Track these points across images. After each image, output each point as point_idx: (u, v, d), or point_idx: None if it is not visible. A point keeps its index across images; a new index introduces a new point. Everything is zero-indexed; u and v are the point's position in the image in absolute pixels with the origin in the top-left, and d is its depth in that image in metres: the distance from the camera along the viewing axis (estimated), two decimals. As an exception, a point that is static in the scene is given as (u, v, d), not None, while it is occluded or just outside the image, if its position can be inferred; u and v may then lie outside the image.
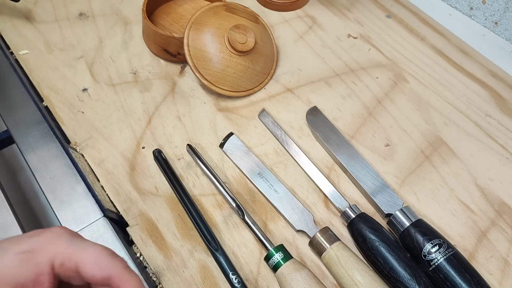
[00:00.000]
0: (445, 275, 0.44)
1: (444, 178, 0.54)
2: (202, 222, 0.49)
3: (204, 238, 0.48)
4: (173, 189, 0.52)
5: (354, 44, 0.67)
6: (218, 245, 0.47)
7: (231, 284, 0.45)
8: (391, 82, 0.63)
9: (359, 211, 0.49)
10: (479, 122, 0.59)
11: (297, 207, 0.51)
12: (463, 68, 0.64)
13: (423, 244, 0.45)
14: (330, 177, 0.54)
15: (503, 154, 0.56)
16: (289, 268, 0.45)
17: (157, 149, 0.54)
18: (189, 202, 0.50)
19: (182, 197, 0.51)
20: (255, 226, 0.49)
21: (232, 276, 0.46)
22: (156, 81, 0.63)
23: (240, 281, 0.45)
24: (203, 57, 0.58)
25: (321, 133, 0.56)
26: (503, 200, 0.53)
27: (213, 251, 0.47)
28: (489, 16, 0.69)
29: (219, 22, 0.59)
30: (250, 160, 0.54)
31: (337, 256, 0.45)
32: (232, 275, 0.46)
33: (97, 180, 0.54)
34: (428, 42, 0.68)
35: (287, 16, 0.71)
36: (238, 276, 0.46)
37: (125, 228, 0.51)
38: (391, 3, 0.73)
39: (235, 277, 0.46)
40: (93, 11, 0.70)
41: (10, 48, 0.66)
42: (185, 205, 0.50)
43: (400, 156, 0.56)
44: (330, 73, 0.64)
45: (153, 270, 0.48)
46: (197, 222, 0.49)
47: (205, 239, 0.48)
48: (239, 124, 0.59)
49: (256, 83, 0.61)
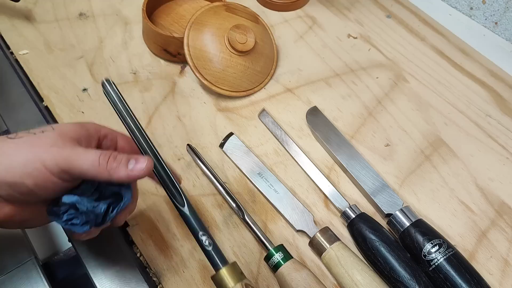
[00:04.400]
0: (445, 275, 0.44)
1: (444, 178, 0.54)
2: (164, 170, 0.40)
3: (167, 190, 0.40)
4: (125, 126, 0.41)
5: (354, 44, 0.67)
6: (185, 199, 0.40)
7: (201, 246, 0.39)
8: (391, 82, 0.63)
9: (359, 211, 0.49)
10: (479, 122, 0.59)
11: (297, 207, 0.51)
12: (463, 68, 0.64)
13: (423, 244, 0.45)
14: (330, 177, 0.54)
15: (503, 154, 0.56)
16: (289, 268, 0.45)
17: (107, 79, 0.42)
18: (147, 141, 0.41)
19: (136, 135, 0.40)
20: (255, 226, 0.49)
21: (202, 237, 0.39)
22: (156, 81, 0.63)
23: (211, 243, 0.39)
24: (203, 57, 0.58)
25: (321, 133, 0.56)
26: (503, 200, 0.53)
27: (178, 207, 0.40)
28: (489, 16, 0.69)
29: (219, 22, 0.59)
30: (250, 160, 0.54)
31: (337, 256, 0.45)
32: (201, 235, 0.39)
33: (97, 180, 0.54)
34: (428, 42, 0.68)
35: (287, 16, 0.71)
36: (209, 237, 0.39)
37: (125, 228, 0.51)
38: (391, 3, 0.73)
39: (206, 238, 0.39)
40: (93, 11, 0.70)
41: (10, 48, 0.66)
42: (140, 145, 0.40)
43: (400, 156, 0.56)
44: (330, 73, 0.64)
45: (153, 270, 0.48)
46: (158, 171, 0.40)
47: (168, 191, 0.40)
48: (239, 124, 0.59)
49: (256, 83, 0.61)
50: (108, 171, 0.35)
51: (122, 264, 0.46)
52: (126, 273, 0.45)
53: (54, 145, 0.34)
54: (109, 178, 0.35)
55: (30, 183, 0.34)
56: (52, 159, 0.34)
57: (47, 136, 0.35)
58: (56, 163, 0.34)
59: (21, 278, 0.44)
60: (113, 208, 0.38)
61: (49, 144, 0.34)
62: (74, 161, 0.34)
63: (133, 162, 0.36)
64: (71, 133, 0.36)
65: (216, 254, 0.39)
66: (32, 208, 0.37)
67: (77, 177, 0.36)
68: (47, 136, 0.35)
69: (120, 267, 0.46)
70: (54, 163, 0.34)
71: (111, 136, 0.41)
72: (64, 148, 0.34)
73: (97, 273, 0.45)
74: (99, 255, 0.46)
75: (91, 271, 0.45)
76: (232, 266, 0.39)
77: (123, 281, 0.45)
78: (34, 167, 0.33)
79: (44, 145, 0.34)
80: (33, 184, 0.34)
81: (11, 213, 0.35)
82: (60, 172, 0.34)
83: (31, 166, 0.33)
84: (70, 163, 0.34)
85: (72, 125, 0.38)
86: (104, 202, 0.37)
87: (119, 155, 0.36)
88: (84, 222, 0.37)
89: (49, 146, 0.34)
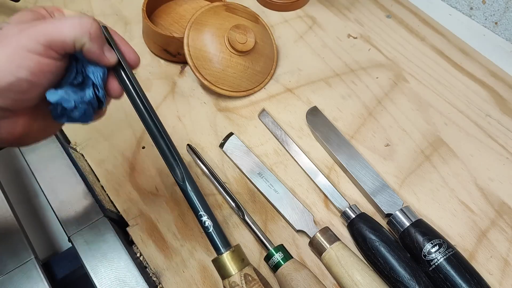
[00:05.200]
0: (445, 275, 0.44)
1: (444, 178, 0.54)
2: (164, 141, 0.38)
3: (166, 162, 0.38)
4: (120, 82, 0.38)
5: (354, 44, 0.67)
6: (186, 176, 0.37)
7: (202, 226, 0.36)
8: (391, 82, 0.63)
9: (359, 211, 0.49)
10: (479, 122, 0.59)
11: (297, 207, 0.51)
12: (463, 68, 0.64)
13: (423, 244, 0.45)
14: (330, 177, 0.54)
15: (503, 154, 0.56)
16: (289, 268, 0.45)
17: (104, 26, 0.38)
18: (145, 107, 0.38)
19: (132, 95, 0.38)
20: (255, 226, 0.49)
21: (202, 218, 0.36)
22: (156, 81, 0.63)
23: (211, 224, 0.36)
24: (203, 57, 0.58)
25: (321, 133, 0.56)
26: (503, 200, 0.53)
27: (178, 183, 0.37)
28: (489, 16, 0.69)
29: (219, 22, 0.59)
30: (250, 160, 0.54)
31: (337, 256, 0.45)
32: (201, 216, 0.36)
33: (97, 180, 0.54)
34: (428, 42, 0.68)
35: (287, 16, 0.71)
36: (211, 217, 0.36)
37: (125, 228, 0.51)
38: (391, 3, 0.73)
39: (206, 218, 0.36)
40: (93, 11, 0.70)
41: (10, 48, 0.65)
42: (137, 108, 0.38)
43: (400, 156, 0.56)
44: (330, 73, 0.64)
45: (153, 270, 0.48)
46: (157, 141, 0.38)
47: (168, 164, 0.38)
48: (239, 124, 0.59)
49: (256, 83, 0.61)
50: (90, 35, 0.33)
51: (122, 264, 0.46)
52: (126, 273, 0.45)
53: (22, 29, 0.32)
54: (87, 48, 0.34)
55: (26, 75, 0.32)
56: (29, 39, 0.31)
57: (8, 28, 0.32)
58: (36, 41, 0.31)
59: (21, 278, 0.44)
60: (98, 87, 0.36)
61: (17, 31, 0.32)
62: (53, 31, 0.32)
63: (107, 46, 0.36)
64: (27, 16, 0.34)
65: (217, 236, 0.36)
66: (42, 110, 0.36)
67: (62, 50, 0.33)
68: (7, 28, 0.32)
69: (120, 267, 0.46)
70: (35, 43, 0.31)
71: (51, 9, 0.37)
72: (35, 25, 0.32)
73: (97, 273, 0.45)
74: (99, 255, 0.46)
75: (91, 271, 0.45)
76: (233, 252, 0.37)
77: (123, 281, 0.45)
78: (20, 56, 0.31)
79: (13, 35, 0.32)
80: (29, 73, 0.32)
81: (27, 123, 0.35)
82: (46, 50, 0.32)
83: (16, 58, 0.31)
84: (48, 35, 0.32)
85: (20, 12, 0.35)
86: (88, 86, 0.36)
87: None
88: (82, 114, 0.36)
89: (18, 32, 0.32)
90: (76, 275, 0.49)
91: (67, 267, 0.49)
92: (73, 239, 0.47)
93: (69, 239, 0.48)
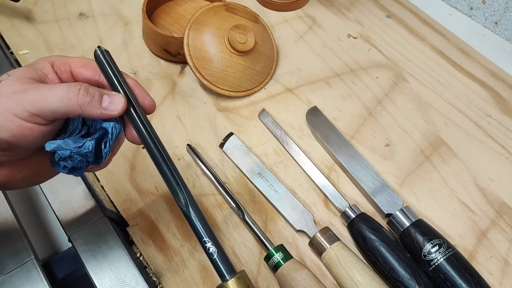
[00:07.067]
0: (445, 275, 0.44)
1: (444, 178, 0.54)
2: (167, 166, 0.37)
3: (170, 188, 0.37)
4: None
5: (354, 44, 0.67)
6: (188, 200, 0.36)
7: (206, 253, 0.36)
8: (391, 82, 0.63)
9: (359, 211, 0.49)
10: (479, 122, 0.59)
11: (297, 207, 0.51)
12: (463, 68, 0.64)
13: (423, 244, 0.45)
14: (330, 177, 0.54)
15: (503, 154, 0.56)
16: (289, 268, 0.45)
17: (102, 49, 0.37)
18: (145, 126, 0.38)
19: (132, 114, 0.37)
20: (255, 226, 0.49)
21: (206, 244, 0.36)
22: (156, 81, 0.63)
23: (215, 251, 0.35)
24: (203, 57, 0.58)
25: (321, 133, 0.56)
26: (503, 200, 0.53)
27: (181, 208, 0.36)
28: (489, 16, 0.69)
29: (219, 22, 0.59)
30: (250, 160, 0.54)
31: (337, 256, 0.45)
32: (205, 242, 0.36)
33: (97, 180, 0.54)
34: (428, 42, 0.68)
35: (287, 16, 0.71)
36: (215, 243, 0.36)
37: (125, 228, 0.51)
38: (391, 3, 0.73)
39: (210, 244, 0.35)
40: (93, 11, 0.70)
41: (10, 48, 0.66)
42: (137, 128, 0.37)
43: (400, 156, 0.56)
44: (330, 73, 0.64)
45: (153, 270, 0.48)
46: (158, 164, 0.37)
47: (171, 190, 0.37)
48: (239, 124, 0.59)
49: (256, 83, 0.61)
50: (80, 107, 0.33)
51: (122, 264, 0.46)
52: (126, 273, 0.45)
53: (15, 92, 0.32)
54: (82, 114, 0.33)
55: (7, 136, 0.32)
56: (17, 105, 0.32)
57: (5, 84, 0.33)
58: (23, 108, 0.32)
59: (21, 278, 0.44)
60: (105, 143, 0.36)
61: (10, 92, 0.32)
62: (41, 101, 0.32)
63: (107, 99, 0.34)
64: (28, 74, 0.34)
65: (222, 262, 0.36)
66: (30, 163, 0.36)
67: (51, 118, 0.33)
68: (5, 84, 0.33)
69: (120, 267, 0.46)
70: (21, 109, 0.32)
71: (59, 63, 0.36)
72: (26, 91, 0.32)
73: (97, 273, 0.45)
74: (99, 255, 0.46)
75: (91, 271, 0.45)
76: (238, 279, 0.36)
77: (123, 281, 0.45)
78: (4, 118, 0.32)
79: (5, 95, 0.32)
80: (10, 136, 0.32)
81: (9, 173, 0.34)
82: (32, 116, 0.32)
83: (1, 119, 0.32)
84: (37, 104, 0.32)
85: (26, 67, 0.35)
86: (91, 138, 0.35)
87: (91, 88, 0.34)
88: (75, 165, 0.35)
89: (10, 94, 0.32)
90: (76, 275, 0.49)
91: (67, 267, 0.49)
92: (73, 239, 0.47)
93: (69, 239, 0.47)
